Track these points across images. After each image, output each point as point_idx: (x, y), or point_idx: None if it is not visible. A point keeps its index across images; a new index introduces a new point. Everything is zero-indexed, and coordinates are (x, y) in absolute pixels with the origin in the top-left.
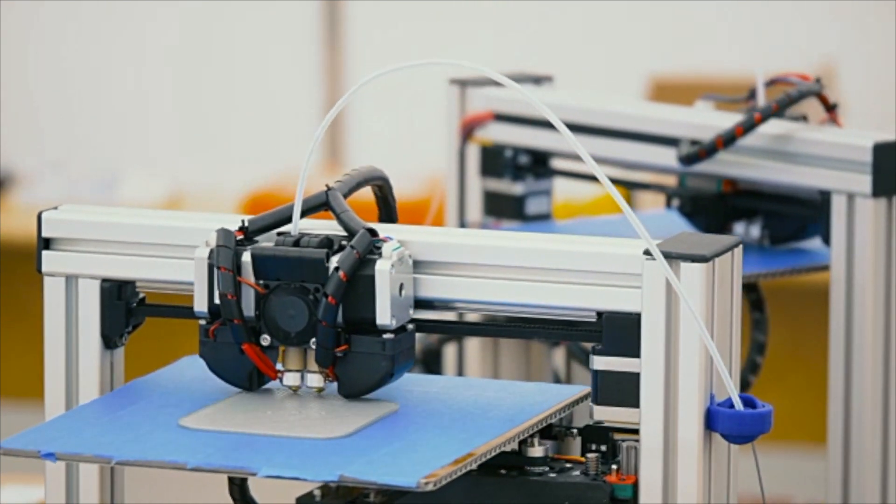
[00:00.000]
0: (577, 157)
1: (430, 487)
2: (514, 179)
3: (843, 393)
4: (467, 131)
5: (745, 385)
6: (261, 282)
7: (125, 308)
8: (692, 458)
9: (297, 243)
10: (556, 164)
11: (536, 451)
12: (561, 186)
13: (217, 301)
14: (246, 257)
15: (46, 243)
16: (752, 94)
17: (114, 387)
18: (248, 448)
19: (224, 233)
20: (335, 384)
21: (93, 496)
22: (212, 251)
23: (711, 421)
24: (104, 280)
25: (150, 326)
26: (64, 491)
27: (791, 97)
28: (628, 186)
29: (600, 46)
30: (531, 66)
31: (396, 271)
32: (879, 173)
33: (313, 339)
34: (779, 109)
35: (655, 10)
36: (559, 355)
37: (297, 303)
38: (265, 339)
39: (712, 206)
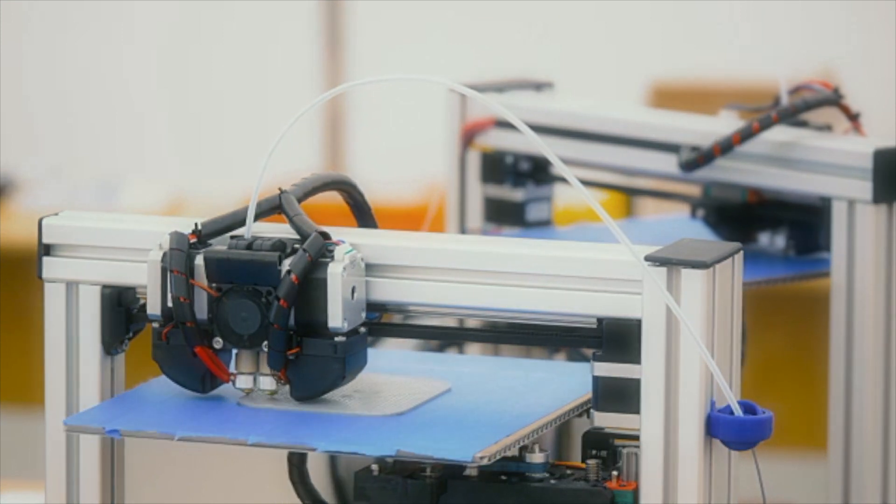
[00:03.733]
0: (577, 163)
1: (484, 462)
2: (514, 186)
3: (844, 399)
4: (468, 138)
5: None
6: (213, 285)
7: (125, 314)
8: (692, 465)
9: (249, 246)
10: (557, 170)
11: (537, 457)
12: (561, 193)
13: (170, 304)
14: (199, 260)
15: (47, 249)
16: (776, 103)
17: (114, 393)
18: (307, 425)
19: (177, 236)
20: (287, 387)
21: (93, 501)
22: (165, 254)
23: (712, 427)
24: (104, 286)
25: (150, 332)
26: (65, 496)
27: (796, 107)
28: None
29: (601, 52)
30: (532, 71)
31: (348, 274)
32: (880, 180)
33: (265, 342)
34: (779, 120)
35: (656, 16)
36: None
37: (249, 306)
38: (217, 342)
39: (737, 216)
